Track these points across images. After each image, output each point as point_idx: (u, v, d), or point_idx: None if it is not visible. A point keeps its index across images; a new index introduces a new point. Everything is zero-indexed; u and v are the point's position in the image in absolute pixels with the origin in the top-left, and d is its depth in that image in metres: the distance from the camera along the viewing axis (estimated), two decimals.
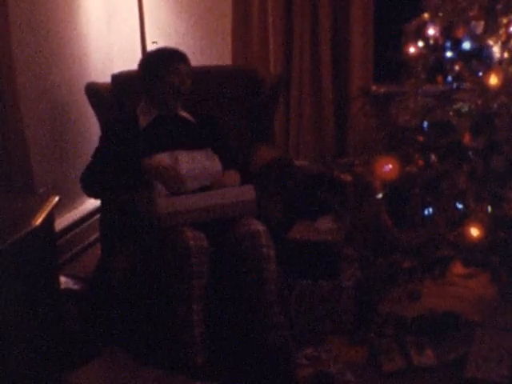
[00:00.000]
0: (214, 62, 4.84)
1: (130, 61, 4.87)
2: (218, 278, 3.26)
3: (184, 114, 3.72)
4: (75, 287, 3.65)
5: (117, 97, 4.15)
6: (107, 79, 4.29)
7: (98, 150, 3.64)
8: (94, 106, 4.17)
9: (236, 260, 3.27)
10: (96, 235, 4.50)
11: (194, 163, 3.53)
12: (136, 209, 3.43)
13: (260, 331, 3.20)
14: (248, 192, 3.38)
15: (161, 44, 3.82)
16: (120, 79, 4.25)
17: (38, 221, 2.76)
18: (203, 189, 3.45)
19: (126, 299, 3.35)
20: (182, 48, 3.70)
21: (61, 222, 4.32)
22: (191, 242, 3.14)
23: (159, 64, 3.59)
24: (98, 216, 4.15)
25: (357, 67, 4.83)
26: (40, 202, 2.98)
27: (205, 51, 4.81)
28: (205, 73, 4.20)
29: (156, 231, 3.30)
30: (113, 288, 3.39)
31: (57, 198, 3.03)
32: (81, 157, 4.52)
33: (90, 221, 4.68)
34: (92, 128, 4.56)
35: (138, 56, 4.82)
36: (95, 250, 4.48)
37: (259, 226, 3.31)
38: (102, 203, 3.74)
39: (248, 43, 4.97)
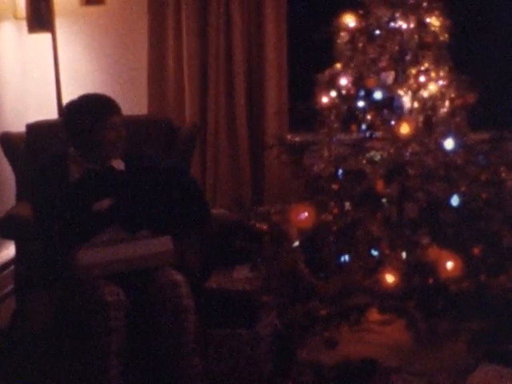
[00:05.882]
0: (130, 112, 4.83)
1: (45, 110, 4.85)
2: (135, 331, 3.23)
3: (116, 161, 3.55)
4: None
5: (32, 147, 4.10)
6: (22, 129, 4.24)
7: (41, 198, 3.45)
8: (9, 156, 4.12)
9: (155, 311, 3.24)
10: (11, 287, 4.41)
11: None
12: (51, 260, 3.38)
13: (180, 382, 3.17)
14: (165, 243, 3.37)
15: (79, 91, 3.71)
16: (35, 129, 4.21)
17: None
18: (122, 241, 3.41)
19: (42, 352, 3.29)
20: None
21: None
22: (108, 298, 3.10)
23: (91, 119, 3.41)
24: (12, 267, 4.08)
25: (272, 116, 4.87)
26: None
27: (121, 100, 4.80)
28: None
29: (73, 283, 3.26)
30: (28, 340, 3.33)
31: None
32: None
33: (4, 272, 4.59)
34: (7, 179, 4.48)
35: (54, 105, 4.79)
36: (10, 302, 4.39)
37: (178, 277, 3.29)
38: (17, 254, 3.68)
39: (164, 92, 4.98)
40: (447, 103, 3.84)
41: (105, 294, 3.12)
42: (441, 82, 3.85)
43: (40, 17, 4.77)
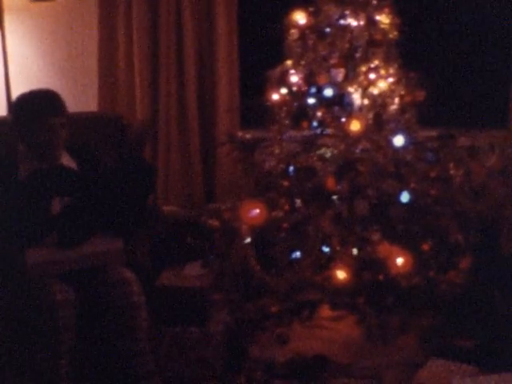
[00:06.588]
0: (80, 109, 4.79)
1: None
2: (86, 330, 3.20)
3: (65, 158, 3.47)
4: None
5: None
6: None
7: None
8: None
9: (106, 309, 3.21)
10: None
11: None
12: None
13: (132, 381, 3.16)
14: (114, 241, 3.34)
15: (28, 88, 3.65)
16: None
17: None
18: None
19: None
20: None
21: None
22: (57, 296, 3.06)
23: (29, 118, 3.34)
24: None
25: (223, 113, 4.86)
26: None
27: (71, 97, 4.78)
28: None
29: (21, 282, 3.22)
30: None
31: None
32: None
33: None
34: None
35: (3, 101, 4.73)
36: None
37: (128, 274, 3.27)
38: None
39: (114, 89, 4.94)
40: (397, 100, 3.88)
41: (54, 292, 3.08)
42: (390, 79, 3.89)
43: None
